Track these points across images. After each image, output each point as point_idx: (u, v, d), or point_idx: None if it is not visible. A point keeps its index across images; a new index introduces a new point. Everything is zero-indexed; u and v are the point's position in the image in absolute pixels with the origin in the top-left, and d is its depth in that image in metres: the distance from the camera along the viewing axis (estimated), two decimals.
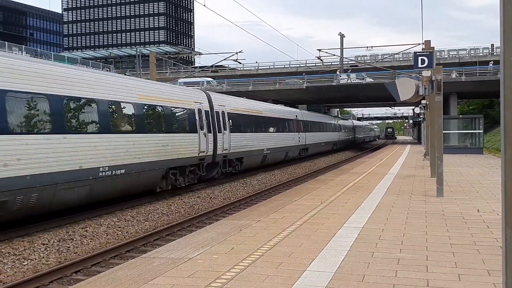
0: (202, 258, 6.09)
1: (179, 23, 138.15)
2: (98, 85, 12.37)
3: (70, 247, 9.69)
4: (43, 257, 8.95)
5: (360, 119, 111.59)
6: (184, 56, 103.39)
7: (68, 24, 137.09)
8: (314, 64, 63.96)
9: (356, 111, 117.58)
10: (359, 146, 66.31)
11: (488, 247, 6.54)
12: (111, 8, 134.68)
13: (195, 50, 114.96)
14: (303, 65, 67.94)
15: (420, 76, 14.68)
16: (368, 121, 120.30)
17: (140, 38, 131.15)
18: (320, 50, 30.08)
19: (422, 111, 33.67)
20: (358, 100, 60.40)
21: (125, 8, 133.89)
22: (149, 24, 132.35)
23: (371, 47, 43.18)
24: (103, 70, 59.41)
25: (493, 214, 9.10)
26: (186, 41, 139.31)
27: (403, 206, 10.15)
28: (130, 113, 13.53)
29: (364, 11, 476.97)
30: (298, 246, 6.61)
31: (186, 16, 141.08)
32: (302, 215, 9.13)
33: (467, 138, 31.86)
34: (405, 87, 13.89)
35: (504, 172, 2.97)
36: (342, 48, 61.30)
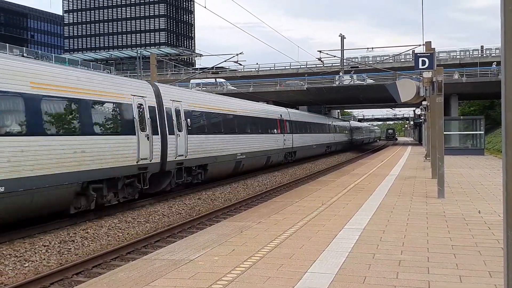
0: (203, 259, 6.08)
1: (180, 25, 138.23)
2: None
3: (71, 248, 9.69)
4: (44, 258, 8.95)
5: (360, 120, 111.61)
6: (184, 58, 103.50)
7: (68, 26, 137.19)
8: (315, 66, 63.98)
9: (356, 112, 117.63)
10: (359, 148, 66.11)
11: (489, 248, 6.53)
12: (112, 10, 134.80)
13: (196, 52, 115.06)
14: (303, 66, 67.94)
15: (421, 77, 14.68)
16: (369, 122, 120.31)
17: (140, 40, 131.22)
18: (320, 52, 30.14)
19: (423, 112, 33.63)
20: (358, 102, 60.39)
21: (125, 10, 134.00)
22: (149, 26, 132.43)
23: (372, 48, 43.28)
24: (104, 71, 59.44)
25: (494, 216, 9.09)
26: (186, 42, 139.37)
27: (404, 207, 10.14)
28: (15, 107, 9.97)
29: (364, 12, 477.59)
30: (299, 248, 6.61)
31: (186, 18, 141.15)
32: (303, 216, 9.12)
33: (468, 139, 31.84)
34: (405, 88, 13.90)
35: (505, 173, 2.97)
36: (342, 50, 61.34)
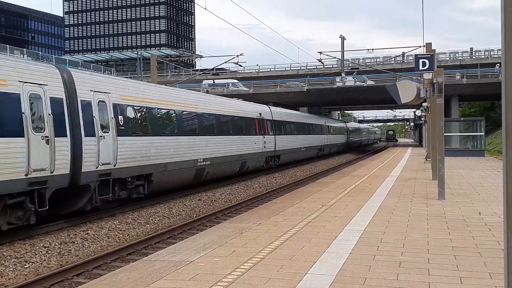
0: (203, 261, 6.08)
1: (180, 26, 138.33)
2: None
3: (71, 250, 9.69)
4: (45, 260, 8.95)
5: (361, 121, 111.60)
6: (185, 59, 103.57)
7: (69, 27, 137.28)
8: (315, 67, 64.01)
9: (357, 113, 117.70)
10: (359, 149, 65.85)
11: (489, 250, 6.53)
12: (112, 11, 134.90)
13: (196, 53, 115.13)
14: (304, 67, 67.98)
15: (421, 79, 14.68)
16: (369, 123, 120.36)
17: (141, 41, 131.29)
18: (321, 53, 30.09)
19: (423, 114, 33.64)
20: (359, 103, 60.44)
21: (126, 11, 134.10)
22: (150, 27, 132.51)
23: (372, 49, 43.23)
24: (105, 73, 59.45)
25: (494, 217, 9.09)
26: (187, 44, 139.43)
27: (405, 208, 10.14)
28: None
29: (364, 13, 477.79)
30: (299, 249, 6.61)
31: (187, 19, 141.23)
32: (303, 218, 9.12)
33: (469, 141, 31.86)
34: (406, 90, 13.89)
35: (506, 175, 2.96)
36: (343, 51, 61.41)
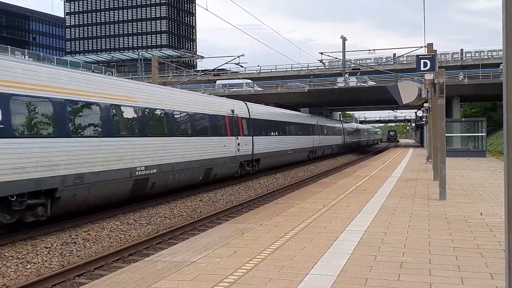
0: (204, 261, 6.09)
1: (181, 27, 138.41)
2: None
3: (73, 250, 9.70)
4: (46, 260, 8.96)
5: (362, 122, 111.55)
6: (186, 60, 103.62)
7: (70, 28, 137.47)
8: (316, 68, 64.03)
9: (358, 114, 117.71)
10: (360, 150, 65.66)
11: (491, 250, 6.52)
12: (113, 12, 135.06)
13: (197, 54, 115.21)
14: (305, 68, 68.02)
15: (423, 79, 14.68)
16: (371, 124, 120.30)
17: (142, 42, 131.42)
18: (322, 54, 30.04)
19: (425, 114, 33.64)
20: (360, 104, 60.41)
21: (127, 12, 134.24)
22: (151, 28, 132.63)
23: (373, 50, 43.15)
24: (106, 73, 59.53)
25: (496, 218, 9.08)
26: (188, 44, 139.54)
27: (406, 209, 10.14)
28: None
29: (365, 14, 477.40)
30: (301, 250, 6.61)
31: (188, 20, 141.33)
32: (304, 218, 9.12)
33: (470, 141, 31.83)
34: (407, 90, 13.88)
35: (507, 175, 2.97)
36: (344, 51, 61.41)
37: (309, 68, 67.06)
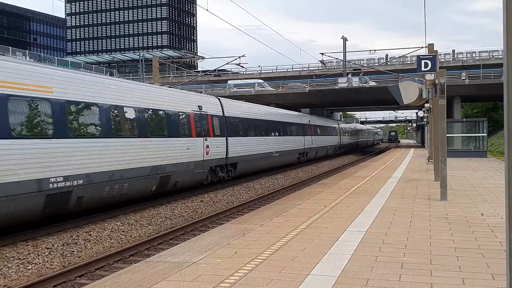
0: (205, 262, 6.09)
1: (182, 28, 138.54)
2: None
3: (74, 251, 9.71)
4: (47, 261, 8.97)
5: (363, 122, 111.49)
6: (187, 61, 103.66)
7: (71, 29, 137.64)
8: (317, 68, 64.04)
9: (359, 114, 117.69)
10: (361, 150, 65.54)
11: (492, 251, 6.52)
12: (114, 13, 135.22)
13: (198, 55, 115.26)
14: (306, 69, 68.03)
15: (424, 80, 14.67)
16: (371, 124, 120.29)
17: (143, 43, 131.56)
18: (323, 54, 30.00)
19: (426, 115, 33.63)
20: (361, 104, 60.42)
21: (128, 13, 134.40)
22: (152, 28, 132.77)
23: (374, 50, 42.96)
24: (107, 74, 59.58)
25: (497, 218, 9.08)
26: (189, 45, 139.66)
27: (407, 210, 10.13)
28: None
29: (366, 14, 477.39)
30: (302, 250, 6.61)
31: (189, 21, 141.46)
32: (305, 219, 9.12)
33: (471, 142, 31.82)
34: (408, 91, 13.89)
35: (508, 176, 2.96)
36: (345, 52, 61.42)
37: (309, 68, 67.09)
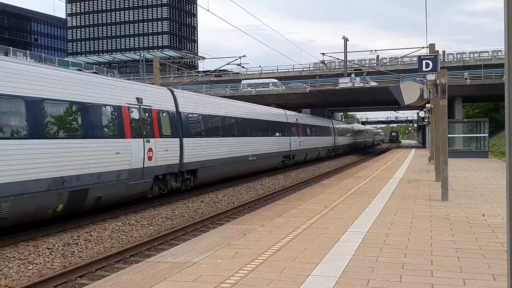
0: (206, 262, 6.08)
1: (183, 28, 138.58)
2: None
3: (74, 251, 9.71)
4: (48, 261, 8.97)
5: (364, 123, 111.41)
6: (187, 61, 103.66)
7: (72, 29, 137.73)
8: (318, 68, 64.02)
9: (360, 115, 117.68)
10: (362, 151, 65.42)
11: (493, 251, 6.51)
12: (115, 13, 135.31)
13: (199, 55, 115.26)
14: (306, 69, 68.01)
15: (425, 80, 14.66)
16: (373, 124, 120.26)
17: (144, 43, 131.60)
18: (323, 54, 29.96)
19: (427, 115, 33.61)
20: (362, 104, 60.40)
21: (129, 13, 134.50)
22: (152, 29, 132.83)
23: (375, 50, 43.00)
24: (108, 74, 59.60)
25: (498, 219, 9.06)
26: (189, 45, 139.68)
27: (408, 210, 10.12)
28: None
29: (367, 14, 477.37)
30: (302, 251, 6.60)
31: (189, 21, 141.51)
32: (306, 219, 9.11)
33: (472, 142, 31.79)
34: (409, 91, 13.89)
35: (509, 176, 2.95)
36: (346, 52, 61.35)
37: (310, 69, 67.07)
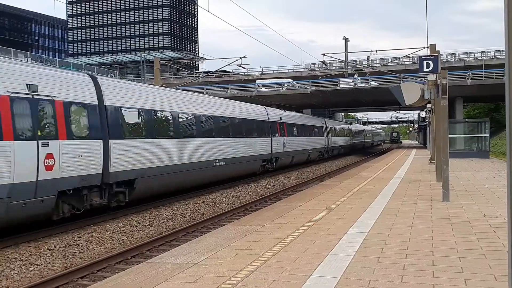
0: (207, 263, 6.08)
1: (183, 29, 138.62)
2: None
3: (76, 252, 9.71)
4: (49, 262, 8.97)
5: (365, 123, 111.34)
6: (188, 62, 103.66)
7: (72, 30, 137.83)
8: (318, 69, 64.02)
9: (361, 115, 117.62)
10: (363, 151, 65.43)
11: (494, 252, 6.50)
12: (116, 14, 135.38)
13: (199, 56, 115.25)
14: (307, 69, 67.99)
15: (425, 80, 14.65)
16: (373, 125, 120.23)
17: (144, 44, 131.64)
18: (324, 55, 29.93)
19: (428, 115, 33.60)
20: (363, 105, 60.38)
21: (129, 14, 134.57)
22: (153, 29, 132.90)
23: (376, 51, 42.84)
24: (109, 75, 59.60)
25: (499, 219, 9.05)
26: (190, 46, 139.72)
27: (409, 211, 10.12)
28: None
29: (367, 14, 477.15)
30: (303, 252, 6.60)
31: (190, 22, 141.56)
32: (307, 220, 9.11)
33: (473, 142, 31.78)
34: (410, 91, 13.89)
35: (510, 176, 2.95)
36: (346, 52, 61.34)
37: (311, 69, 67.07)
